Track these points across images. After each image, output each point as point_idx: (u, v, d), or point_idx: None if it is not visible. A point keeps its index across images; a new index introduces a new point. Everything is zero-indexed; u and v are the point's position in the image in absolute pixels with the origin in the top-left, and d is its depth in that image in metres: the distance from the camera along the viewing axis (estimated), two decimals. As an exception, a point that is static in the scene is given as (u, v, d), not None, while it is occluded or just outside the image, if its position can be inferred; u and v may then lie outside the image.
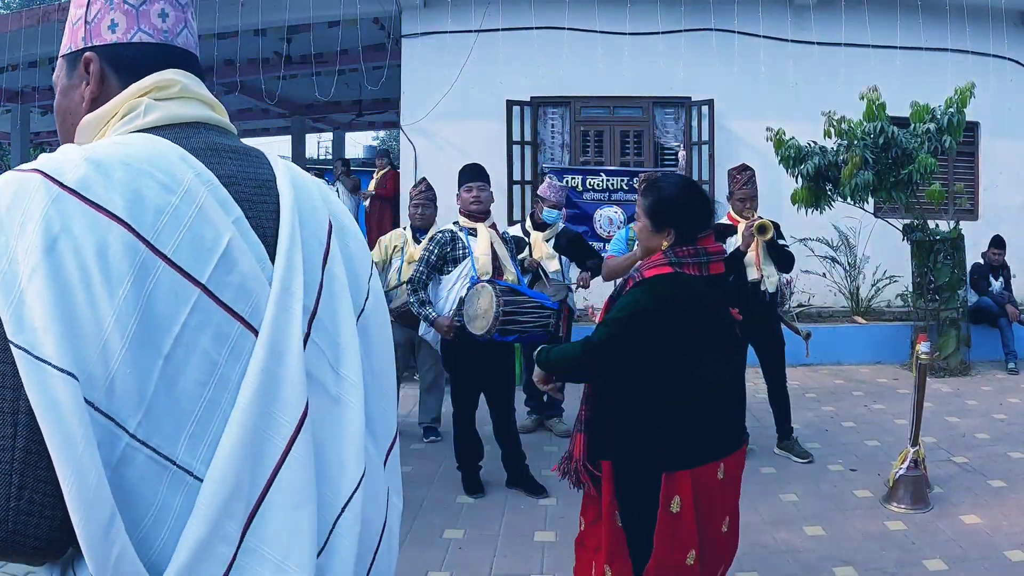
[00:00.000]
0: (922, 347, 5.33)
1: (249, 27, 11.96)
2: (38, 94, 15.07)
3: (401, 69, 11.55)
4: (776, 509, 5.10)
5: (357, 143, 38.67)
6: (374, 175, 13.93)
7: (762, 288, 5.96)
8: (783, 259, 6.04)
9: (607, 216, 9.97)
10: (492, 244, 5.24)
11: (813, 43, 11.19)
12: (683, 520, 2.76)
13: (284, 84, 13.49)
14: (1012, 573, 4.20)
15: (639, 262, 2.95)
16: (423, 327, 5.45)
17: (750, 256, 5.84)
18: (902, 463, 5.20)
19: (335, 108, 19.81)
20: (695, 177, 11.04)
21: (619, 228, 9.88)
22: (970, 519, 4.91)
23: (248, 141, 1.51)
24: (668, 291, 2.80)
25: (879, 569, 4.27)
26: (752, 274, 5.89)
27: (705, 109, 11.28)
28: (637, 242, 3.02)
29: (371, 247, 10.66)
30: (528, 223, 6.58)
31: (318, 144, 34.94)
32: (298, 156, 21.14)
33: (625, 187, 10.16)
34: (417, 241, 6.32)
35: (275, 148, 36.23)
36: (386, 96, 17.01)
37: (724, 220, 6.09)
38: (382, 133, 40.56)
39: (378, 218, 13.27)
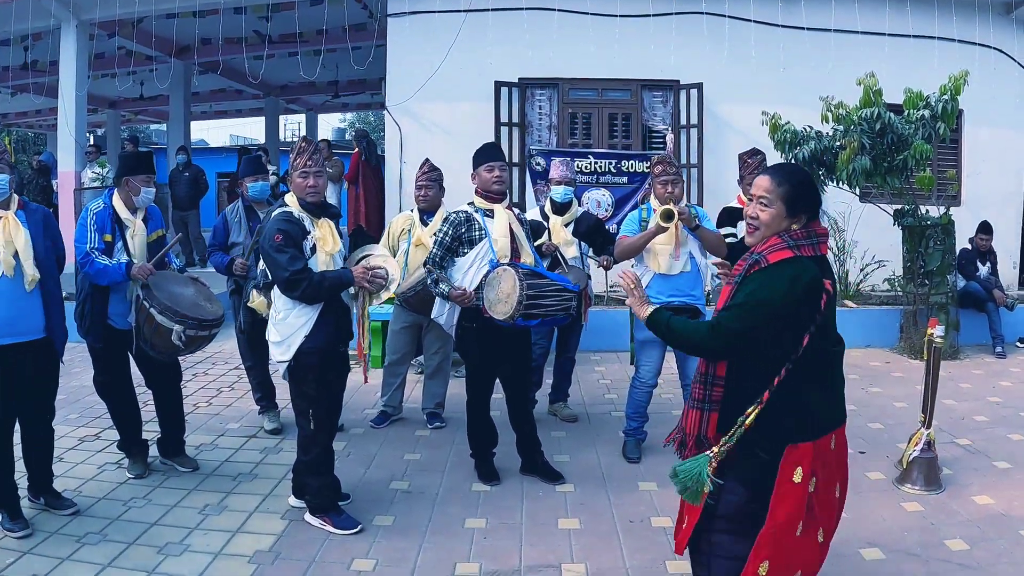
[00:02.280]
0: (936, 331, 5.35)
1: (230, 5, 11.76)
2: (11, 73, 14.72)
3: (386, 49, 11.37)
4: (795, 493, 5.07)
5: (328, 125, 38.37)
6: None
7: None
8: None
9: (595, 199, 9.92)
10: (511, 225, 5.10)
11: (803, 29, 11.20)
12: (802, 491, 2.86)
13: (261, 64, 13.28)
14: None
15: (760, 246, 2.95)
16: (436, 309, 5.30)
17: (760, 239, 5.77)
18: (915, 445, 5.22)
19: (309, 89, 19.68)
20: (683, 161, 11.00)
21: (607, 211, 9.83)
22: (983, 499, 4.97)
23: (222, 122, 1.39)
24: (792, 274, 2.83)
25: (903, 551, 4.28)
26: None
27: (694, 93, 11.23)
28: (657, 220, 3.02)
29: (351, 232, 10.63)
30: (548, 207, 6.45)
31: (284, 126, 34.61)
32: (272, 137, 20.91)
33: (613, 170, 10.11)
34: (424, 224, 6.18)
35: (249, 129, 35.88)
36: (362, 77, 16.89)
37: (734, 203, 6.03)
38: (350, 115, 40.39)
39: (354, 203, 13.05)
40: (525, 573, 4.04)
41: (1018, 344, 9.67)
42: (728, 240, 5.73)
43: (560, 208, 6.36)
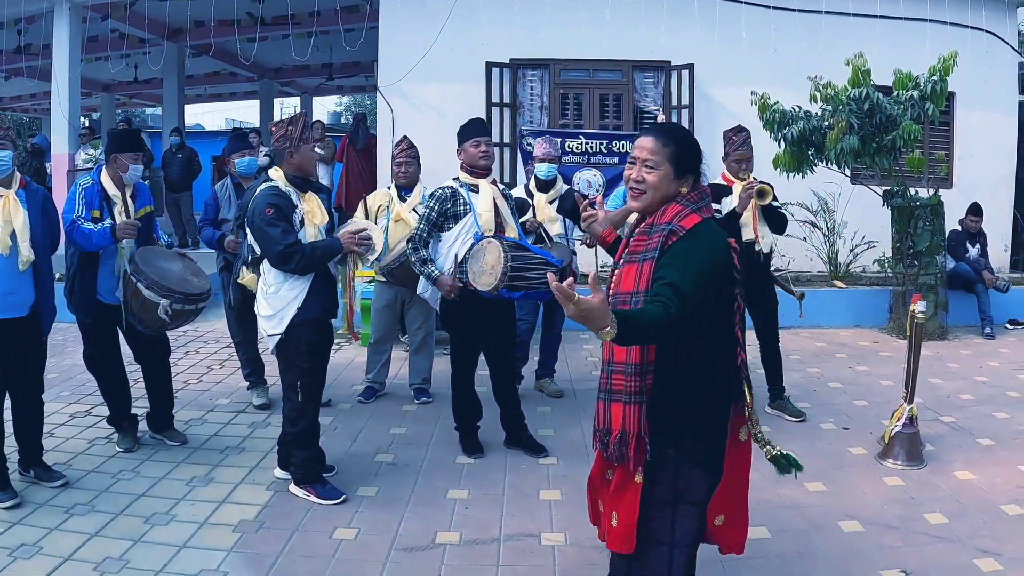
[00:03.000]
0: (918, 307, 5.41)
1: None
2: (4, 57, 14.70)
3: (379, 30, 11.38)
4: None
5: (323, 108, 38.31)
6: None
7: (757, 249, 5.94)
8: (778, 221, 6.04)
9: (586, 179, 9.96)
10: (495, 200, 5.17)
11: (794, 10, 11.18)
12: (747, 446, 2.96)
13: (254, 47, 13.28)
14: (1010, 526, 4.30)
15: (664, 216, 2.81)
16: (422, 286, 5.36)
17: (746, 217, 5.83)
18: (897, 421, 5.28)
19: (304, 72, 19.71)
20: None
21: (598, 190, 9.87)
22: (964, 475, 5.02)
23: (216, 105, 1.44)
24: (711, 236, 2.77)
25: (883, 523, 4.34)
26: (747, 235, 5.87)
27: (685, 74, 11.25)
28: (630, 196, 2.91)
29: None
30: (532, 184, 6.50)
31: (280, 110, 34.59)
32: (267, 120, 20.90)
33: (604, 150, 10.16)
34: (403, 199, 6.22)
35: (243, 112, 35.85)
36: (356, 60, 16.91)
37: (718, 180, 6.07)
38: (346, 99, 40.35)
39: (344, 185, 13.13)
40: (505, 542, 4.11)
41: (1008, 326, 9.73)
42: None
43: (544, 185, 6.43)
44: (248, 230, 4.51)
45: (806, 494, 4.71)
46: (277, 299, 4.46)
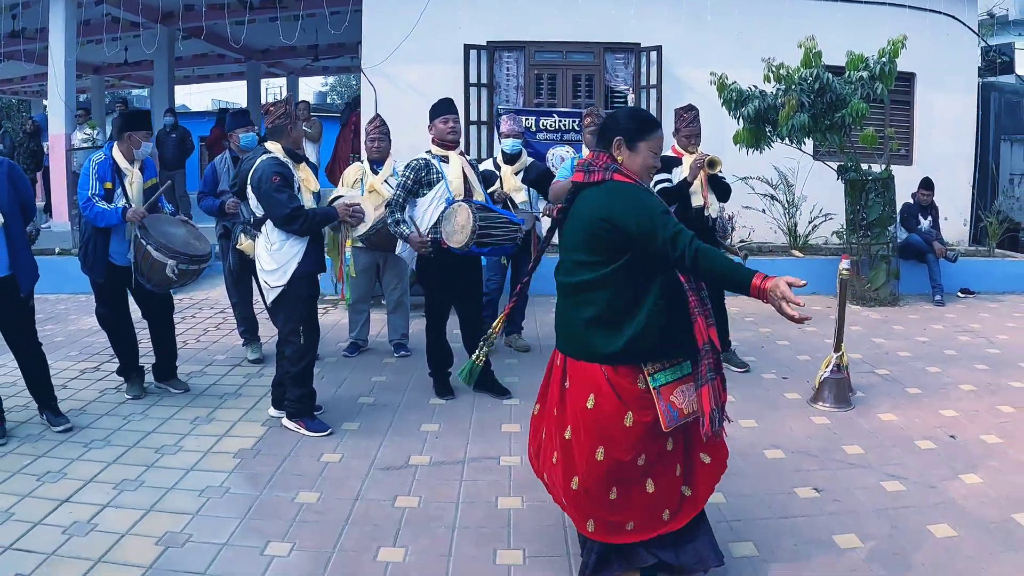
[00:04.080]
0: (844, 264, 5.94)
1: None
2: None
3: (362, 14, 11.86)
4: (716, 408, 5.72)
5: (309, 88, 38.54)
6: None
7: (706, 214, 6.53)
8: (722, 190, 6.63)
9: (559, 155, 10.46)
10: (464, 169, 5.79)
11: (758, -6, 11.68)
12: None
13: (243, 30, 13.68)
14: (920, 457, 4.83)
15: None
16: (400, 247, 5.95)
17: (696, 185, 6.41)
18: (826, 367, 5.84)
19: (290, 53, 19.95)
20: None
21: (570, 167, 10.42)
22: (887, 416, 5.57)
23: (204, 87, 1.93)
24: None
25: (804, 452, 4.91)
26: (697, 201, 6.45)
27: (654, 55, 11.76)
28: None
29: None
30: (499, 158, 7.10)
31: (267, 90, 34.91)
32: (254, 100, 21.28)
33: (576, 128, 10.70)
34: (375, 172, 6.74)
35: (231, 93, 36.09)
36: (342, 41, 17.24)
37: (669, 153, 6.63)
38: (332, 79, 40.57)
39: (334, 159, 13.75)
40: (468, 463, 4.75)
41: (959, 294, 10.18)
42: (663, 184, 6.37)
43: (510, 159, 7.02)
44: (254, 196, 5.07)
45: (739, 429, 5.28)
46: (281, 255, 5.05)
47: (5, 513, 4.02)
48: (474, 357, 3.96)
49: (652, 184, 6.40)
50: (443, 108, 5.84)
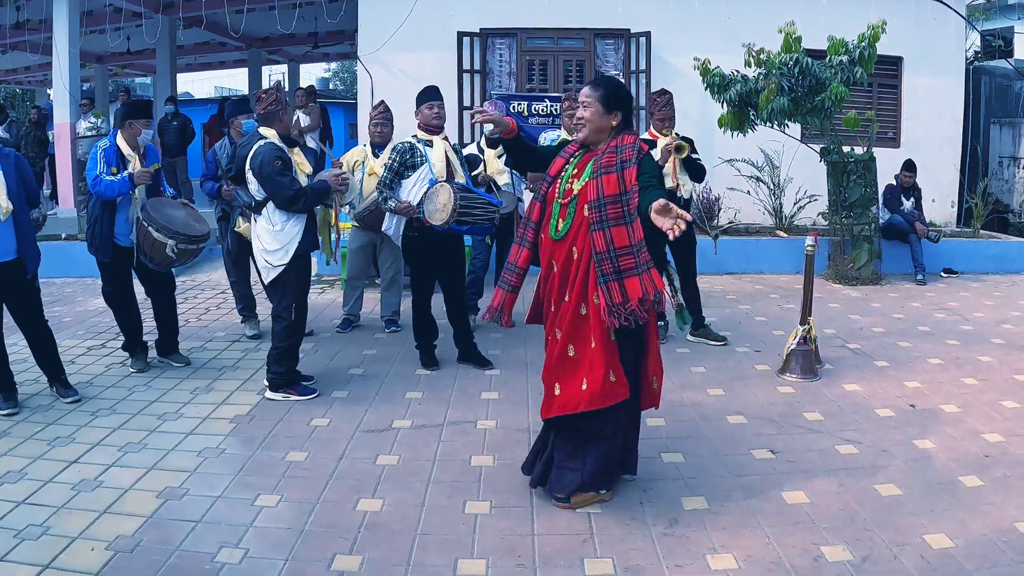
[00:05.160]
0: (809, 240, 6.23)
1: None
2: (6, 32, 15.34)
3: (358, 2, 12.14)
4: (685, 378, 6.07)
5: (310, 75, 38.76)
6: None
7: (678, 195, 6.82)
8: (696, 171, 6.91)
9: (550, 138, 10.75)
10: (446, 153, 6.12)
11: (745, -21, 11.90)
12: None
13: (242, 18, 13.90)
14: (878, 424, 5.11)
15: (618, 144, 3.83)
16: (386, 223, 6.28)
17: (668, 167, 6.69)
18: (793, 339, 6.12)
19: (290, 41, 20.11)
20: (633, 105, 11.74)
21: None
22: (851, 387, 5.82)
23: (206, 74, 2.18)
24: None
25: (766, 418, 5.19)
26: (668, 183, 6.72)
27: (643, 41, 11.98)
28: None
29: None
30: (483, 142, 7.43)
31: (268, 77, 35.15)
32: (255, 87, 21.47)
33: (567, 112, 10.94)
34: (376, 156, 7.05)
35: (232, 80, 36.36)
36: (341, 28, 17.44)
37: (645, 136, 6.92)
38: (334, 65, 40.76)
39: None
40: (447, 426, 5.11)
41: (942, 274, 10.39)
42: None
43: (493, 143, 7.27)
44: (255, 180, 5.39)
45: (707, 397, 5.61)
46: (283, 235, 5.40)
47: (18, 473, 4.37)
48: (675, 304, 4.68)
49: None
50: (429, 95, 6.17)
